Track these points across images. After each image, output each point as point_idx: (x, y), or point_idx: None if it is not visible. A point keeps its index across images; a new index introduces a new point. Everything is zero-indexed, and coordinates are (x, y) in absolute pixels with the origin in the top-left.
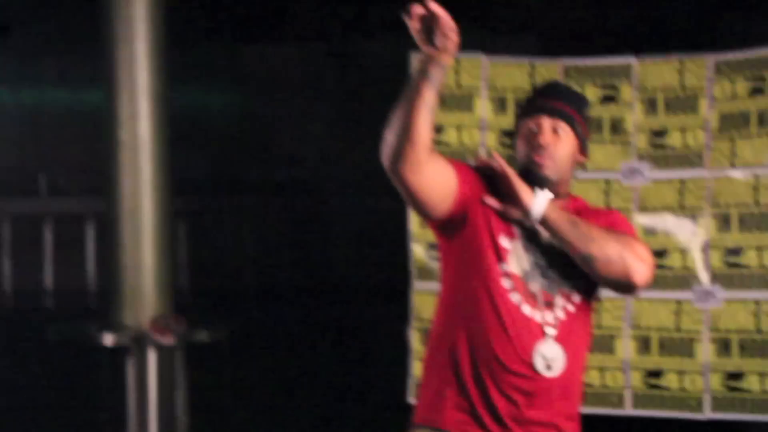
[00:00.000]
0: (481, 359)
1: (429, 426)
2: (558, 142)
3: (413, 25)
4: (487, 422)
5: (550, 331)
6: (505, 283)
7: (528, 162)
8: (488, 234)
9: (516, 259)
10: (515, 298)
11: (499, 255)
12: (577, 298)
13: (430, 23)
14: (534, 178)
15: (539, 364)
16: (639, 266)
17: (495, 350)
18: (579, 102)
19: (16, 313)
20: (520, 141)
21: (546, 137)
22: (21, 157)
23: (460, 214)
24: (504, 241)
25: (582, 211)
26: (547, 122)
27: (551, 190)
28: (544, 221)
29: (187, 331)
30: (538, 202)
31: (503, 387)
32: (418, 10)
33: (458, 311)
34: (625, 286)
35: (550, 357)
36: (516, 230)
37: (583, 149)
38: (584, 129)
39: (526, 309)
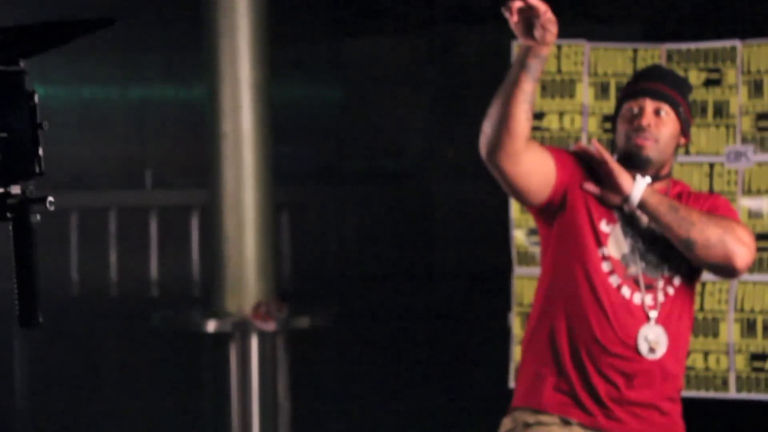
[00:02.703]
0: (581, 341)
1: (529, 408)
2: (660, 123)
3: (512, 19)
4: (587, 404)
5: (653, 313)
6: (605, 267)
7: (629, 144)
8: (587, 218)
9: (615, 242)
10: (615, 281)
11: (599, 239)
12: (677, 280)
13: (529, 15)
14: (636, 160)
15: (643, 347)
16: (740, 250)
17: (594, 332)
18: (681, 85)
19: (122, 302)
20: (621, 123)
21: (648, 118)
22: (127, 151)
23: (560, 199)
24: (603, 226)
25: (683, 195)
26: (649, 104)
27: (652, 171)
28: (643, 206)
29: (288, 318)
30: (637, 187)
31: (603, 369)
32: (517, 3)
33: (557, 294)
34: (725, 270)
35: (653, 339)
36: (616, 215)
37: (684, 132)
38: (687, 112)
39: (626, 291)
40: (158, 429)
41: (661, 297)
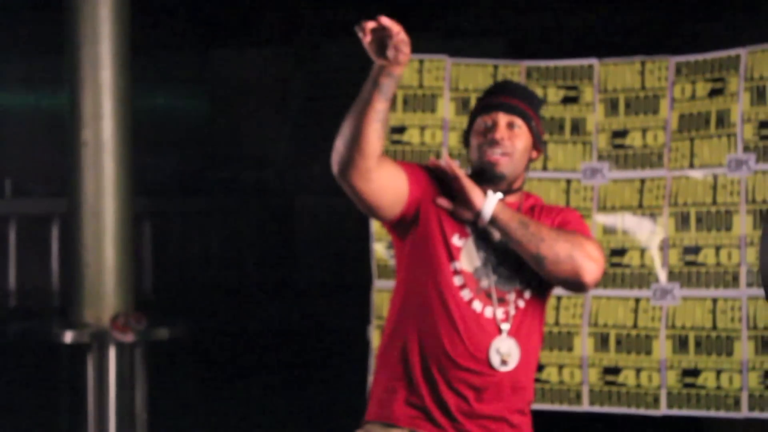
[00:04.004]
0: (432, 355)
1: (380, 421)
2: (513, 137)
3: (365, 39)
4: (437, 417)
5: (504, 326)
6: (456, 281)
7: (482, 159)
8: (440, 233)
9: (468, 256)
10: (466, 294)
11: (451, 253)
12: (528, 294)
13: (381, 36)
14: (489, 174)
15: (495, 360)
16: (588, 265)
17: (445, 346)
18: (533, 99)
19: None
20: (475, 137)
21: (501, 132)
22: None
23: (413, 214)
24: (456, 240)
25: (536, 209)
26: (502, 118)
27: (505, 185)
28: (494, 221)
29: (147, 329)
30: (489, 202)
31: (453, 382)
32: (369, 24)
33: (410, 308)
34: (574, 285)
35: (505, 352)
36: (468, 229)
37: (536, 146)
38: (538, 125)
39: (477, 305)
40: None
41: (512, 310)
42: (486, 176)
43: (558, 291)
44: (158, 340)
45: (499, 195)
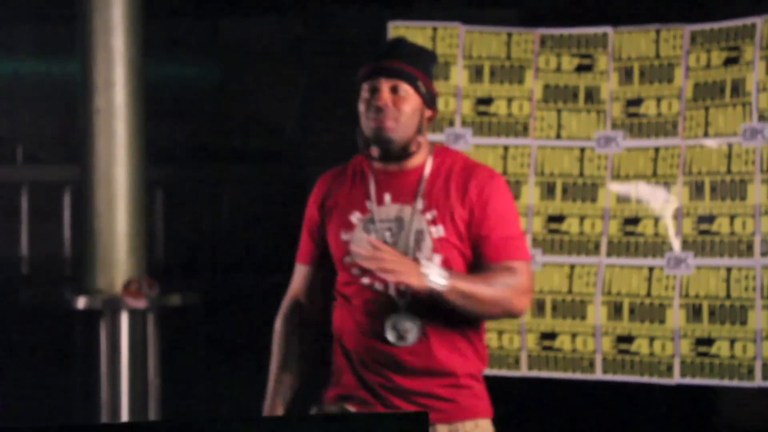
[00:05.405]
0: (349, 340)
1: (322, 402)
2: (399, 101)
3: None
4: (363, 395)
5: (400, 302)
6: (354, 271)
7: (369, 126)
8: (333, 236)
9: (358, 246)
10: (366, 280)
11: (345, 249)
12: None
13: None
14: (379, 141)
15: (390, 336)
16: (520, 305)
17: (358, 330)
18: (419, 58)
19: None
20: (361, 104)
21: (384, 98)
22: None
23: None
24: (344, 235)
25: (455, 171)
26: (384, 83)
27: (398, 149)
28: (438, 298)
29: (159, 295)
30: (433, 282)
31: (368, 361)
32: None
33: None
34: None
35: (401, 328)
36: (354, 220)
37: (428, 104)
38: (428, 84)
39: (379, 286)
40: (27, 407)
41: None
42: (377, 143)
43: (571, 259)
44: (170, 306)
45: (442, 278)
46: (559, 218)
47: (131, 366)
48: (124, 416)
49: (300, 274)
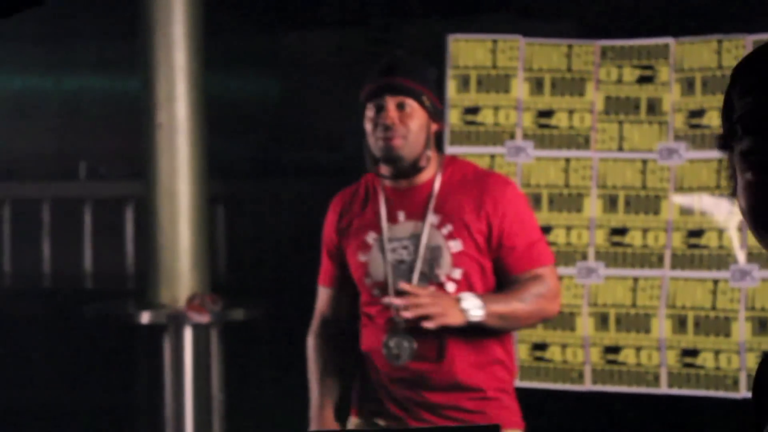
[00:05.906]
0: (377, 358)
1: (355, 416)
2: (405, 117)
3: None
4: (393, 409)
5: (399, 321)
6: (375, 292)
7: (378, 145)
8: (352, 258)
9: (374, 268)
10: (386, 300)
11: (363, 270)
12: (451, 286)
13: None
14: (389, 159)
15: (387, 354)
16: (552, 309)
17: (383, 348)
18: (421, 72)
19: (55, 294)
20: (367, 123)
21: (391, 116)
22: (61, 142)
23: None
24: (362, 257)
25: (468, 178)
26: (390, 101)
27: (408, 166)
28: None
29: (223, 310)
30: (473, 315)
31: (395, 378)
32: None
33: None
34: None
35: (394, 347)
36: (369, 240)
37: (435, 118)
38: (432, 98)
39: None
40: (91, 422)
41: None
42: (387, 161)
43: (635, 272)
44: (234, 321)
45: (478, 310)
46: (621, 231)
47: (195, 380)
48: (189, 431)
49: (324, 296)
